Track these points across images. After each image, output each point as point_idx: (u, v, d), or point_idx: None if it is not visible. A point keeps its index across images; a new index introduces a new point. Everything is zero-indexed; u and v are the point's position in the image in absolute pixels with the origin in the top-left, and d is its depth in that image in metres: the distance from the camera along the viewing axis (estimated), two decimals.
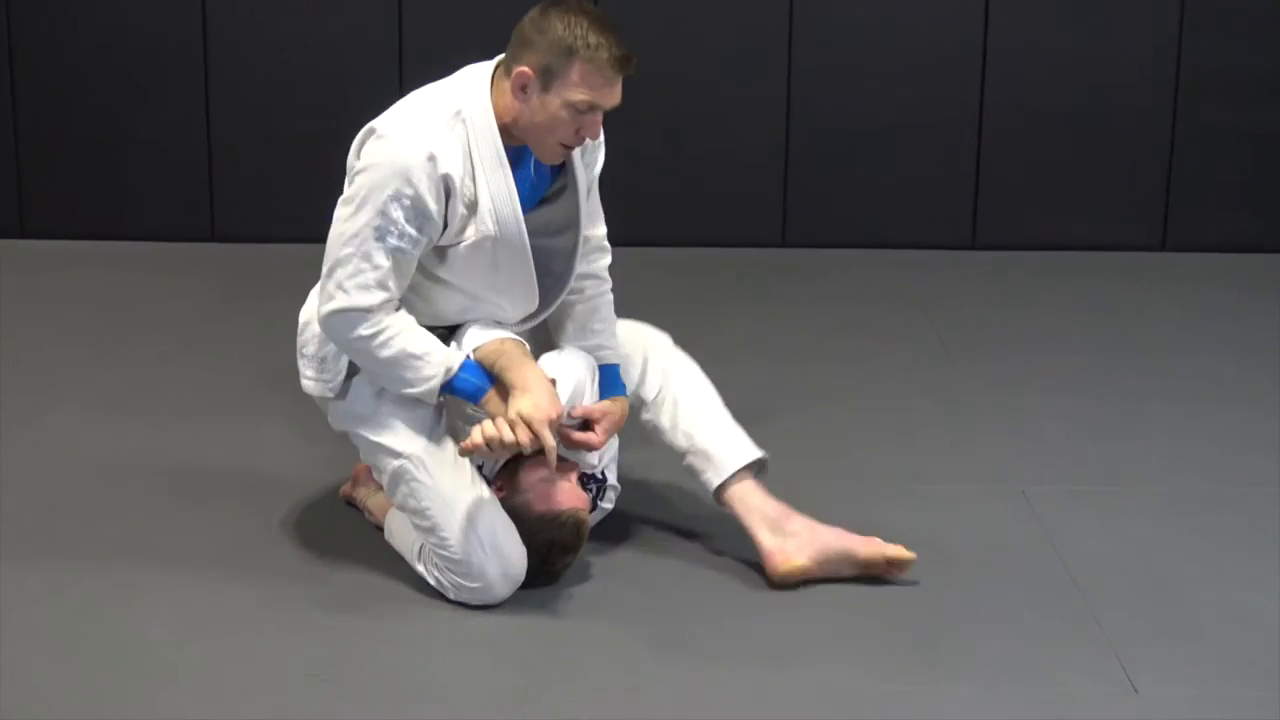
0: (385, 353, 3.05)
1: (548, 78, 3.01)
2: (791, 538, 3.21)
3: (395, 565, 3.31)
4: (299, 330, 3.30)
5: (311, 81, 5.81)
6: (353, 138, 6.14)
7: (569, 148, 3.10)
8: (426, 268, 3.13)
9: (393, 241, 3.02)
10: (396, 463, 3.14)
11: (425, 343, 3.07)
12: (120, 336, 4.85)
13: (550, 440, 3.01)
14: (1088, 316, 5.19)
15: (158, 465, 3.85)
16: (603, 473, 3.33)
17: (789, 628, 3.10)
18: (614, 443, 3.35)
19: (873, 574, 3.21)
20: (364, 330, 3.04)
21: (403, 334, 3.05)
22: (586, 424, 3.19)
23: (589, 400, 3.23)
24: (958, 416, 4.28)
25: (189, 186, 5.89)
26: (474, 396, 3.07)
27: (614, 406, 3.24)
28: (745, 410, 4.23)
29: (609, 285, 3.37)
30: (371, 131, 3.09)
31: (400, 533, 3.29)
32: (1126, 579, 3.33)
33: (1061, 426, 4.20)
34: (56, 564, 3.32)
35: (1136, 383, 4.55)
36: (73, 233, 5.89)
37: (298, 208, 5.86)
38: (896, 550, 3.21)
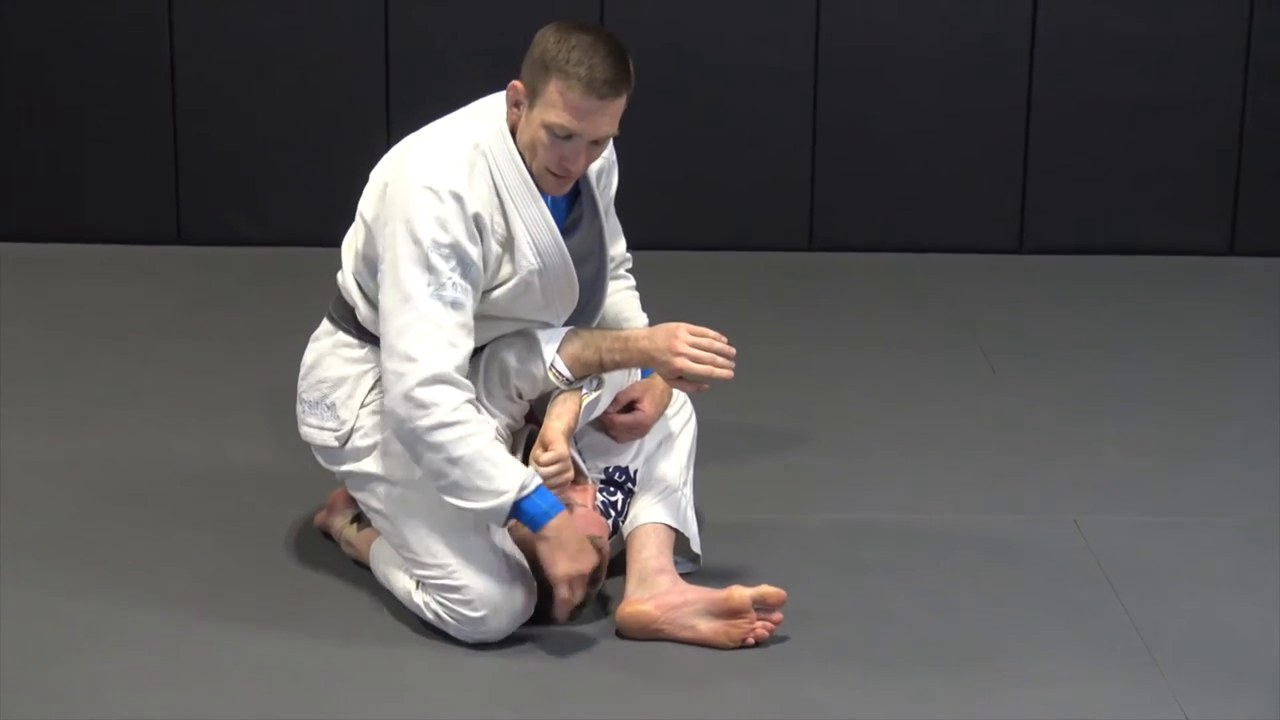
0: (461, 450, 3.04)
1: (533, 94, 3.11)
2: (650, 588, 3.22)
3: (379, 602, 3.30)
4: (301, 374, 3.36)
5: (288, 67, 5.79)
6: (333, 130, 6.16)
7: (559, 177, 3.15)
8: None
9: (449, 295, 3.07)
10: (396, 491, 3.20)
11: (505, 454, 3.09)
12: (77, 349, 4.83)
13: (563, 449, 3.16)
14: (1148, 328, 5.16)
15: (117, 494, 3.83)
16: (635, 472, 3.37)
17: (817, 675, 3.09)
18: (647, 441, 3.42)
19: (739, 635, 3.15)
20: (447, 417, 3.03)
21: (483, 436, 3.06)
22: (630, 406, 3.34)
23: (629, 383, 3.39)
24: (1004, 439, 4.25)
25: (152, 184, 5.87)
26: (537, 521, 3.08)
27: (653, 381, 3.36)
28: (767, 434, 4.24)
29: (632, 282, 3.53)
30: (387, 183, 3.15)
31: (391, 567, 3.30)
32: (1193, 622, 3.30)
33: (1120, 450, 4.17)
34: (2, 602, 3.30)
35: (1205, 402, 4.52)
36: (24, 235, 5.86)
37: (272, 208, 5.85)
38: (762, 588, 3.16)
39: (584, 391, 3.25)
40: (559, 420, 3.20)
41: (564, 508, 3.11)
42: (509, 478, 3.05)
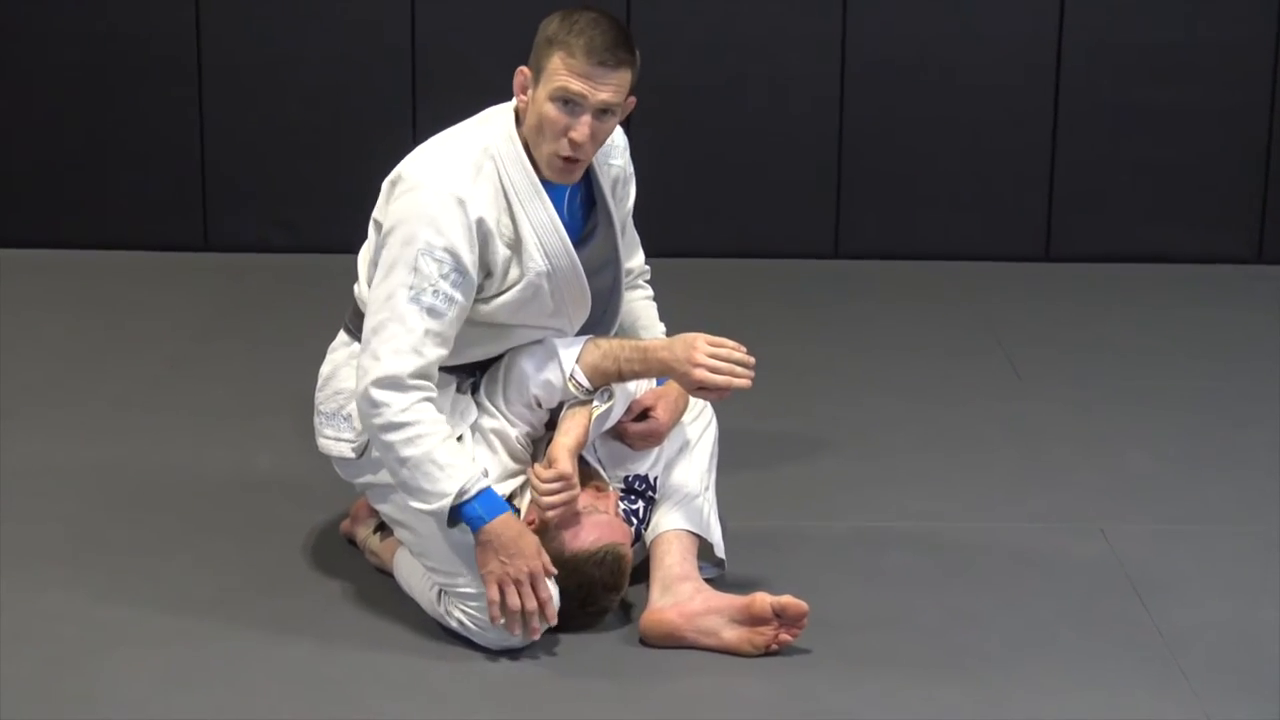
0: (408, 450, 3.07)
1: (537, 74, 3.13)
2: (673, 595, 3.22)
3: (402, 610, 3.30)
4: (319, 385, 3.37)
5: (314, 75, 5.80)
6: (360, 137, 6.19)
7: (567, 160, 3.15)
8: (476, 320, 3.19)
9: (427, 300, 3.08)
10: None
11: (452, 456, 3.09)
12: (103, 355, 4.84)
13: (567, 467, 3.14)
14: (1175, 335, 5.14)
15: (142, 499, 3.85)
16: (654, 480, 3.36)
17: (840, 682, 3.08)
18: (666, 447, 3.40)
19: (763, 643, 3.14)
20: (396, 417, 3.06)
21: (432, 437, 3.08)
22: (644, 414, 3.32)
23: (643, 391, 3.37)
24: (1029, 446, 4.24)
25: (180, 191, 5.89)
26: (473, 525, 3.09)
27: (668, 388, 3.34)
28: (792, 441, 4.24)
29: (650, 291, 3.53)
30: (394, 184, 3.18)
31: (414, 576, 3.30)
32: (1219, 630, 3.29)
33: (1146, 458, 4.15)
34: (28, 605, 3.31)
35: (1231, 409, 4.50)
36: (53, 241, 5.89)
37: (298, 214, 5.87)
38: (784, 599, 3.15)
39: (594, 405, 3.24)
40: (566, 437, 3.20)
41: (508, 510, 3.10)
42: (451, 481, 3.06)
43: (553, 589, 3.13)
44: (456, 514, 3.08)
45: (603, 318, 3.35)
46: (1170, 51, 5.77)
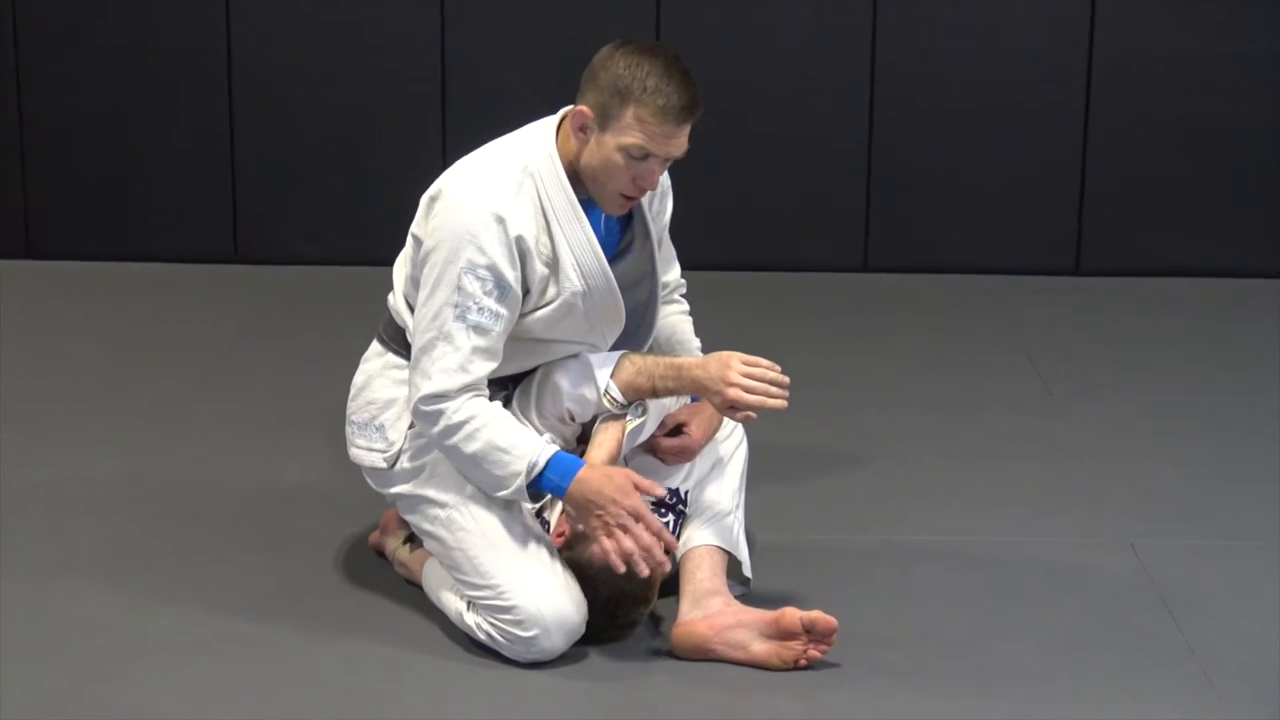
0: (471, 446, 3.11)
1: (604, 119, 3.12)
2: (703, 609, 3.22)
3: (431, 622, 3.32)
4: (351, 395, 3.39)
5: (344, 88, 5.82)
6: (390, 150, 6.20)
7: (629, 198, 3.18)
8: (511, 335, 3.20)
9: (473, 318, 3.10)
10: (444, 513, 3.22)
11: (514, 435, 3.12)
12: (133, 367, 4.87)
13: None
14: (1205, 350, 5.13)
15: (172, 511, 3.86)
16: (685, 494, 3.37)
17: (869, 697, 3.08)
18: (698, 464, 3.40)
19: (791, 657, 3.14)
20: (451, 419, 3.10)
21: (490, 426, 3.11)
22: (678, 430, 3.32)
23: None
24: (1059, 461, 4.23)
25: (210, 203, 5.91)
26: (556, 494, 3.13)
27: (702, 405, 3.34)
28: (823, 454, 4.23)
29: (686, 307, 3.54)
30: (434, 200, 3.19)
31: (443, 588, 3.31)
32: (1250, 645, 3.28)
33: (1177, 473, 4.14)
34: (60, 615, 3.33)
35: (1262, 424, 4.49)
36: (83, 253, 5.92)
37: (328, 227, 5.88)
38: (814, 614, 3.14)
39: (627, 419, 3.25)
40: (600, 449, 3.21)
41: (583, 464, 3.11)
42: (519, 459, 3.09)
43: (583, 601, 3.16)
44: (537, 488, 3.11)
45: (637, 332, 3.35)
46: (1200, 65, 5.76)
